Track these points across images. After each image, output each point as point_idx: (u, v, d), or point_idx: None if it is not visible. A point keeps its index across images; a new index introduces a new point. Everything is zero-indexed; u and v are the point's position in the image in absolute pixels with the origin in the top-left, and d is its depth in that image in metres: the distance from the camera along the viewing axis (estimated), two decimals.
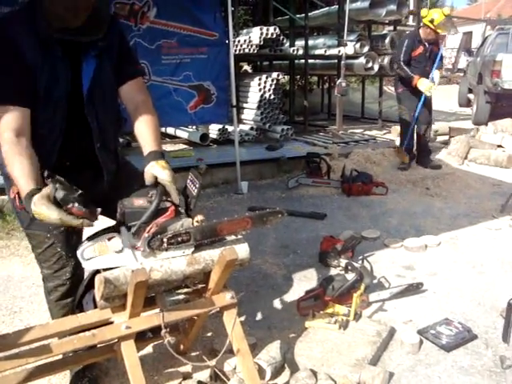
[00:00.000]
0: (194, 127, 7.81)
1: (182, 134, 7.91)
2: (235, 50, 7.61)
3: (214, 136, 7.60)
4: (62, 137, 2.12)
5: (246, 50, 7.96)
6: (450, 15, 6.54)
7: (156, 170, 2.02)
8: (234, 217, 2.10)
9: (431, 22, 6.24)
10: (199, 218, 2.09)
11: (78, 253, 1.94)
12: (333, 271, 3.79)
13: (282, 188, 6.08)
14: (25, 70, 1.96)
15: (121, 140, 2.38)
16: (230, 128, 7.55)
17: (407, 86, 6.50)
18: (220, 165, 6.30)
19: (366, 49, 8.69)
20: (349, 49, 8.19)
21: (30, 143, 1.95)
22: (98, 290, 1.87)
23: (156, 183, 2.03)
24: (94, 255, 1.93)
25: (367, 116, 10.91)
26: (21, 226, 2.34)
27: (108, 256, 1.95)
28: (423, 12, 6.46)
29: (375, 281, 3.52)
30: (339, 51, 8.39)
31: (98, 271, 1.98)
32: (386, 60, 8.90)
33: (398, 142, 7.47)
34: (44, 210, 1.72)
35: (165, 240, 1.95)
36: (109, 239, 2.00)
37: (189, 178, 2.12)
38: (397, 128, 9.07)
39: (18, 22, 1.97)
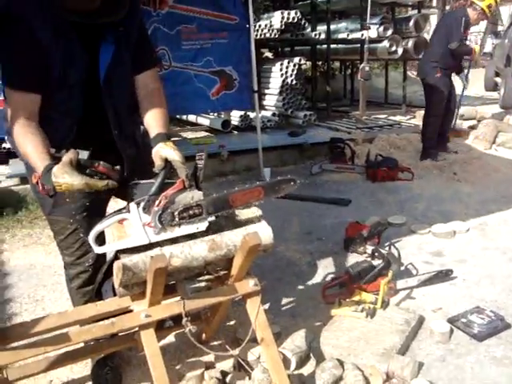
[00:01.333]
0: (215, 114, 7.73)
1: (204, 121, 7.83)
2: (256, 35, 7.49)
3: (236, 123, 7.51)
4: (77, 123, 2.06)
5: (267, 35, 7.83)
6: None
7: (165, 151, 1.96)
8: (244, 186, 2.03)
9: (489, 7, 5.99)
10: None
11: (90, 238, 1.88)
12: (359, 258, 3.70)
13: (305, 174, 5.98)
14: (39, 54, 1.90)
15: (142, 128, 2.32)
16: (251, 114, 7.47)
17: (449, 68, 6.25)
18: (242, 151, 6.23)
19: (389, 32, 8.45)
20: (372, 32, 7.99)
21: (39, 127, 1.91)
22: (117, 277, 1.81)
23: (165, 165, 1.96)
24: (109, 239, 1.88)
25: (390, 101, 10.69)
26: (43, 213, 2.30)
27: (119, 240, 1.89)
28: None
29: (402, 268, 3.40)
30: (362, 35, 8.21)
31: (116, 258, 1.92)
32: (411, 43, 8.66)
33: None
34: (66, 178, 1.68)
35: (176, 214, 1.88)
36: (120, 221, 1.94)
37: (197, 155, 2.05)
38: (422, 113, 8.91)
39: (32, 4, 1.90)
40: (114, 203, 2.36)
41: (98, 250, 1.90)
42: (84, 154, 1.73)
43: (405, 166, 5.77)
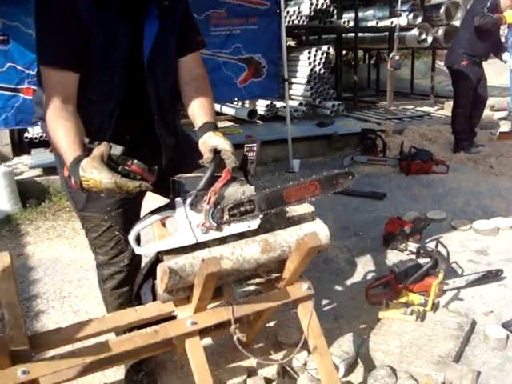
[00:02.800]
0: (240, 103, 7.53)
1: (229, 110, 7.65)
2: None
3: (261, 112, 7.33)
4: (119, 107, 1.88)
5: (296, 22, 7.59)
6: None
7: (214, 141, 1.78)
8: (300, 181, 1.84)
9: None
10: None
11: (130, 237, 1.71)
12: (400, 255, 3.51)
13: (336, 166, 5.71)
14: (78, 29, 1.72)
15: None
16: (277, 104, 7.27)
17: (477, 55, 5.96)
18: (270, 142, 6.03)
19: (419, 20, 8.19)
20: (402, 20, 7.73)
21: (76, 111, 1.74)
22: (162, 282, 1.63)
23: (214, 154, 1.78)
24: (149, 239, 1.70)
25: (416, 92, 10.43)
26: (74, 209, 2.12)
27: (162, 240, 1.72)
28: None
29: None
30: (392, 22, 7.96)
31: (158, 259, 1.75)
32: (441, 31, 8.39)
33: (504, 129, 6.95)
34: (95, 174, 1.49)
35: (226, 211, 1.71)
36: (163, 220, 1.77)
37: (245, 146, 1.86)
38: (451, 103, 8.64)
39: None
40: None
41: (139, 250, 1.73)
42: (117, 149, 1.53)
43: (439, 159, 5.55)
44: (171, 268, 1.61)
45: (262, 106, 7.33)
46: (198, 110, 1.92)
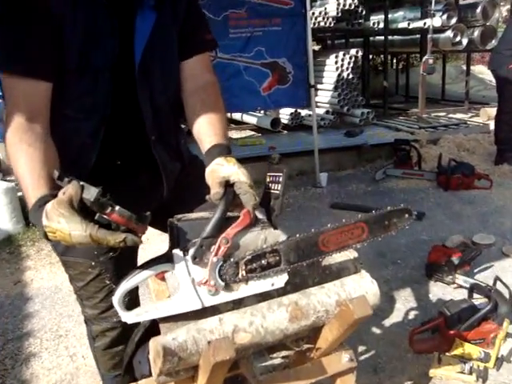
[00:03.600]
0: (262, 111, 7.09)
1: (250, 119, 7.22)
2: None
3: (285, 121, 6.90)
4: (104, 124, 1.45)
5: (322, 24, 7.13)
6: None
7: (226, 170, 1.32)
8: (341, 222, 1.37)
9: None
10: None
11: (115, 300, 1.27)
12: (446, 289, 3.05)
13: (367, 180, 5.32)
14: (46, 18, 1.30)
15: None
16: (302, 112, 6.81)
17: None
18: (294, 154, 5.60)
19: (453, 20, 7.65)
20: (436, 21, 7.22)
21: (47, 131, 1.31)
22: (155, 365, 1.19)
23: (225, 188, 1.33)
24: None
25: (447, 98, 9.90)
26: (55, 252, 1.69)
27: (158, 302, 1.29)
28: None
29: None
30: (425, 23, 7.45)
31: (152, 329, 1.31)
32: (477, 33, 7.84)
33: None
34: (63, 224, 1.06)
35: (242, 265, 1.26)
36: (158, 275, 1.33)
37: (268, 176, 1.40)
38: (487, 110, 8.12)
39: None
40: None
41: (126, 317, 1.29)
42: (91, 192, 1.07)
43: (482, 173, 5.04)
44: (166, 348, 1.17)
45: (285, 114, 6.90)
46: (205, 129, 1.47)
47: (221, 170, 1.32)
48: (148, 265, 1.29)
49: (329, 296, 1.36)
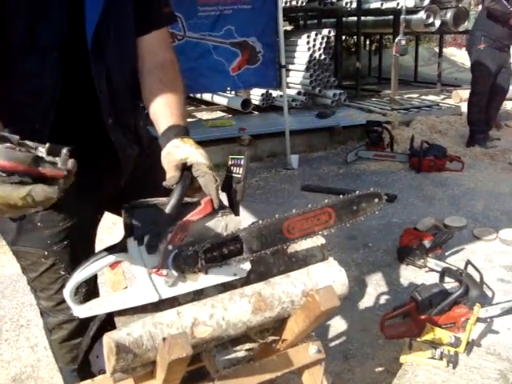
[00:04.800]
0: (233, 92, 6.97)
1: (221, 99, 7.11)
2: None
3: (256, 102, 6.81)
4: (55, 107, 1.33)
5: (294, 3, 7.01)
6: None
7: (182, 152, 1.23)
8: (306, 207, 1.29)
9: None
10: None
11: (66, 292, 1.18)
12: (418, 272, 3.02)
13: (338, 162, 5.26)
14: None
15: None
16: (274, 93, 6.72)
17: (498, 39, 5.36)
18: (265, 135, 5.52)
19: (426, 1, 7.61)
20: (409, 1, 7.18)
21: None
22: (109, 362, 1.11)
23: (182, 171, 1.24)
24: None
25: (420, 80, 9.90)
26: (4, 241, 1.57)
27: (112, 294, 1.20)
28: None
29: None
30: (398, 4, 7.40)
31: (110, 322, 1.22)
32: (449, 15, 7.81)
33: None
34: None
35: (201, 254, 1.18)
36: (112, 265, 1.24)
37: (230, 158, 1.31)
38: (459, 92, 8.12)
39: None
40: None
41: (78, 311, 1.20)
42: None
43: (454, 155, 5.02)
44: (120, 344, 1.09)
45: (256, 95, 6.80)
46: (161, 110, 1.36)
47: (177, 153, 1.23)
48: (101, 254, 1.20)
49: (294, 285, 1.28)
